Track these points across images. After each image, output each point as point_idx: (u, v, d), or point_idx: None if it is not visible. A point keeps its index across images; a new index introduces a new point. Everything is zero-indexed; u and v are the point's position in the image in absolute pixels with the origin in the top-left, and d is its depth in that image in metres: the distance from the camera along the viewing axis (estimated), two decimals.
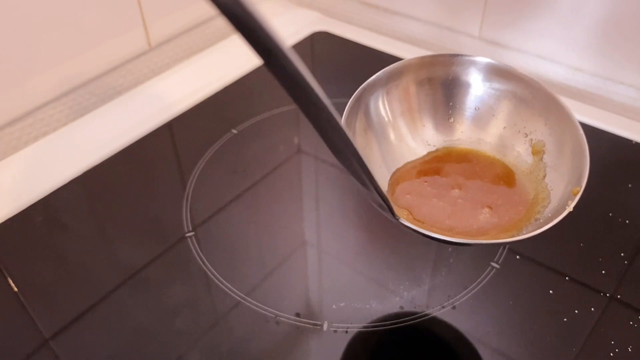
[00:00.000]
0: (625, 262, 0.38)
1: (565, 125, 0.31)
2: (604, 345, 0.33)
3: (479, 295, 0.36)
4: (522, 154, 0.33)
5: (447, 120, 0.34)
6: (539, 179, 0.31)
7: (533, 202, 0.31)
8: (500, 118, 0.33)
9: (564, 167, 0.31)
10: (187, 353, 0.33)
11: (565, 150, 0.31)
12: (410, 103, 0.33)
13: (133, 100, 0.52)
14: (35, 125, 0.51)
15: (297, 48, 0.60)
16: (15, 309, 0.36)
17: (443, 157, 0.33)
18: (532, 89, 0.32)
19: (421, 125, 0.33)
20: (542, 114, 0.32)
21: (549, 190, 0.31)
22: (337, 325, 0.34)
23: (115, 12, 0.53)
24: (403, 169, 0.33)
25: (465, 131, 0.34)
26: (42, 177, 0.44)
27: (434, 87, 0.33)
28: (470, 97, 0.33)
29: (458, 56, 0.33)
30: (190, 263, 0.38)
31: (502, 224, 0.30)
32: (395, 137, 0.33)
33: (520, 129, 0.33)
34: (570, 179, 0.30)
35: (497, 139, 0.33)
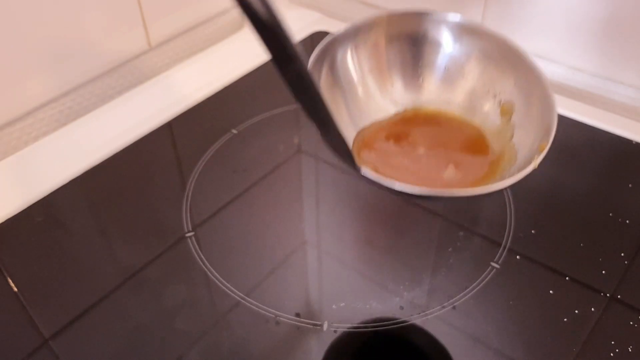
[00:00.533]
0: (626, 262, 0.38)
1: (534, 83, 0.30)
2: (604, 345, 0.33)
3: (479, 295, 0.36)
4: (490, 115, 0.32)
5: (417, 80, 0.33)
6: (506, 139, 0.31)
7: (499, 161, 0.30)
8: (470, 78, 0.33)
9: (532, 125, 0.30)
10: (186, 353, 0.33)
11: (533, 109, 0.30)
12: (379, 60, 0.32)
13: (133, 100, 0.52)
14: (35, 125, 0.51)
15: None
16: (15, 308, 0.36)
17: (411, 118, 0.32)
18: (501, 48, 0.32)
19: (390, 84, 0.33)
20: (511, 73, 0.31)
21: (516, 150, 0.30)
22: (337, 325, 0.34)
23: (115, 12, 0.53)
24: (370, 128, 0.32)
25: (434, 91, 0.33)
26: (42, 177, 0.44)
27: (404, 44, 0.32)
28: (440, 56, 0.33)
29: (429, 14, 0.32)
30: (190, 263, 0.38)
31: (466, 181, 0.30)
32: (364, 95, 0.32)
33: (489, 89, 0.32)
34: (537, 137, 0.29)
35: (465, 99, 0.33)
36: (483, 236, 0.40)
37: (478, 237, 0.40)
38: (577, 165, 0.46)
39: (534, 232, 0.40)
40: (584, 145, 0.48)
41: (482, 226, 0.40)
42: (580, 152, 0.47)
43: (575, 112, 0.50)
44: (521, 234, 0.40)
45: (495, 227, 0.40)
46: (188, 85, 0.54)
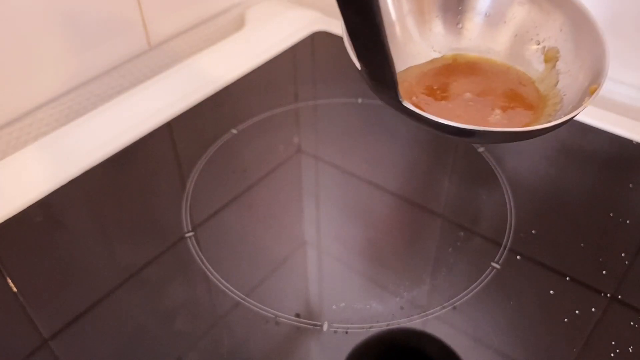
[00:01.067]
0: (626, 262, 0.38)
1: (582, 26, 0.29)
2: (604, 346, 0.33)
3: (480, 295, 0.36)
4: (533, 62, 0.31)
5: (455, 26, 0.32)
6: (550, 87, 0.30)
7: (543, 106, 0.30)
8: (512, 25, 0.31)
9: (580, 70, 0.29)
10: (186, 353, 0.33)
11: (581, 52, 0.29)
12: (419, 2, 0.31)
13: (133, 100, 0.52)
14: (35, 125, 0.51)
15: (297, 48, 0.60)
16: (15, 309, 0.36)
17: (451, 65, 0.31)
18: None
19: (429, 27, 0.31)
20: (557, 17, 0.30)
21: (562, 96, 0.29)
22: (337, 326, 0.34)
23: (115, 12, 0.53)
24: (408, 72, 0.31)
25: (474, 39, 0.32)
26: (41, 177, 0.44)
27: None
28: (481, 0, 0.31)
29: None
30: (190, 263, 0.38)
31: (512, 125, 0.29)
32: (402, 37, 0.30)
33: (532, 36, 0.31)
34: (585, 80, 0.28)
35: (507, 47, 0.32)
36: (483, 236, 0.40)
37: (478, 237, 0.40)
38: (577, 165, 0.46)
39: (535, 232, 0.40)
40: (584, 145, 0.47)
41: (483, 226, 0.40)
42: (580, 152, 0.47)
43: None
44: (522, 234, 0.40)
45: (495, 227, 0.40)
46: (188, 85, 0.54)
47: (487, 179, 0.44)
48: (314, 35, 0.61)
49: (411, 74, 0.31)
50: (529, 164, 0.46)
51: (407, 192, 0.44)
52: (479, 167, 0.45)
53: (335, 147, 0.48)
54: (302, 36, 0.61)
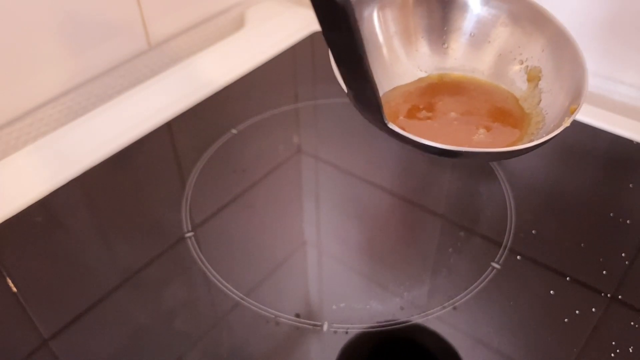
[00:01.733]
0: (626, 262, 0.38)
1: (563, 46, 0.30)
2: (604, 346, 0.33)
3: (480, 295, 0.36)
4: (516, 81, 0.32)
5: (441, 46, 0.33)
6: (533, 105, 0.31)
7: (527, 126, 0.30)
8: (496, 45, 0.32)
9: (561, 89, 0.30)
10: (186, 353, 0.33)
11: (562, 72, 0.30)
12: (406, 22, 0.32)
13: (132, 100, 0.52)
14: (35, 125, 0.51)
15: (297, 48, 0.60)
16: (14, 309, 0.36)
17: (438, 84, 0.32)
18: (529, 10, 0.31)
19: (415, 48, 0.32)
20: (539, 37, 0.31)
21: (544, 115, 0.30)
22: (337, 326, 0.34)
23: (115, 12, 0.53)
24: (395, 92, 0.31)
25: (459, 58, 0.33)
26: (41, 177, 0.44)
27: (432, 6, 0.32)
28: (466, 21, 0.32)
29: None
30: (190, 263, 0.38)
31: (496, 144, 0.29)
32: (389, 57, 0.32)
33: (516, 56, 0.32)
34: (566, 99, 0.29)
35: (491, 66, 0.32)
36: (483, 236, 0.40)
37: (478, 237, 0.40)
38: (577, 165, 0.46)
39: (535, 232, 0.40)
40: (584, 145, 0.47)
41: (483, 226, 0.40)
42: (580, 152, 0.47)
43: None
44: (522, 234, 0.40)
45: (495, 227, 0.40)
46: (187, 85, 0.54)
47: (487, 178, 0.44)
48: (314, 35, 0.61)
49: (397, 93, 0.31)
50: (529, 164, 0.46)
51: (407, 192, 0.44)
52: (479, 167, 0.45)
53: (335, 147, 0.48)
54: (302, 36, 0.61)
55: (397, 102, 0.31)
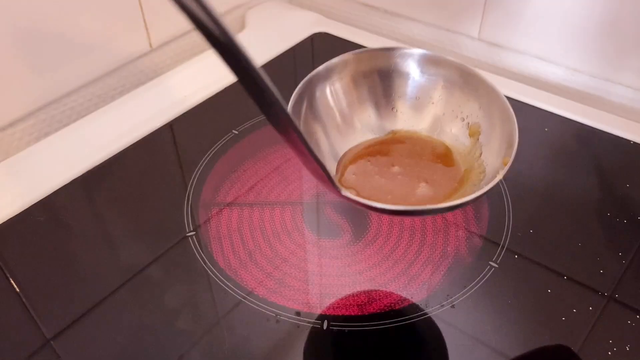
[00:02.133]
0: (624, 261, 0.38)
1: (494, 105, 0.33)
2: (602, 345, 0.33)
3: (478, 294, 0.36)
4: (460, 136, 0.35)
5: (391, 110, 0.36)
6: (475, 157, 0.34)
7: (468, 176, 0.33)
8: (439, 105, 0.35)
9: (496, 142, 0.33)
10: (188, 352, 0.33)
11: (496, 128, 0.33)
12: (356, 94, 0.35)
13: (134, 101, 0.53)
14: (37, 126, 0.51)
15: (297, 49, 0.60)
16: (17, 309, 0.36)
17: (386, 140, 0.35)
18: (463, 75, 0.34)
19: (367, 115, 0.35)
20: (475, 97, 0.34)
21: (485, 167, 0.33)
22: (336, 324, 0.35)
23: (117, 13, 0.53)
24: (349, 153, 0.35)
25: (408, 119, 0.36)
26: (43, 177, 0.44)
27: (376, 79, 0.35)
28: (410, 87, 0.35)
29: (395, 49, 0.35)
30: (192, 263, 0.38)
31: (437, 197, 0.32)
32: (343, 126, 0.35)
33: (457, 114, 0.35)
34: (500, 152, 0.32)
35: (436, 124, 0.35)
36: (481, 236, 0.40)
37: (476, 237, 0.40)
38: (575, 166, 0.46)
39: (532, 231, 0.40)
40: (583, 146, 0.48)
41: (481, 226, 0.41)
42: (578, 152, 0.47)
43: (573, 113, 0.50)
44: (519, 234, 0.40)
45: (493, 227, 0.40)
46: (189, 86, 0.54)
47: None
48: (314, 36, 0.62)
49: (352, 153, 0.35)
50: (526, 163, 0.46)
51: None
52: None
53: None
54: (302, 37, 0.61)
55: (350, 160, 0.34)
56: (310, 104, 0.33)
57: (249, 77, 0.25)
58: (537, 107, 0.51)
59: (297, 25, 0.63)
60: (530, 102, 0.52)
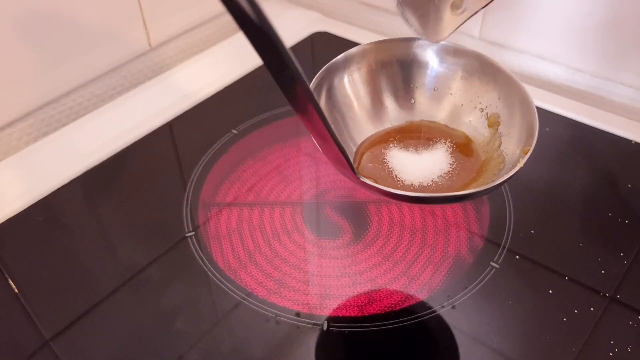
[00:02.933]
0: (625, 262, 0.38)
1: (514, 93, 0.33)
2: (603, 345, 0.33)
3: (479, 295, 0.36)
4: (479, 127, 0.35)
5: (409, 100, 0.36)
6: (494, 148, 0.34)
7: (487, 166, 0.33)
8: (458, 96, 0.35)
9: (516, 132, 0.33)
10: (187, 353, 0.33)
11: (516, 117, 0.33)
12: (374, 84, 0.35)
13: (133, 100, 0.53)
14: (36, 125, 0.51)
15: (297, 48, 0.60)
16: (16, 309, 0.36)
17: (404, 128, 0.35)
18: (482, 64, 0.34)
19: (385, 105, 0.35)
20: (494, 87, 0.34)
21: (504, 157, 0.33)
22: (336, 325, 0.34)
23: (116, 12, 0.53)
24: (367, 141, 0.35)
25: (426, 110, 0.36)
26: (42, 177, 0.44)
27: (395, 69, 0.35)
28: (428, 78, 0.35)
29: (414, 39, 0.35)
30: (191, 263, 0.38)
31: (454, 186, 0.32)
32: (361, 115, 0.35)
33: (476, 104, 0.35)
34: (520, 142, 0.32)
35: (455, 114, 0.35)
36: (482, 236, 0.40)
37: (477, 237, 0.40)
38: (576, 165, 0.46)
39: (534, 232, 0.40)
40: (584, 146, 0.48)
41: (482, 226, 0.41)
42: (579, 152, 0.47)
43: (575, 113, 0.50)
44: (521, 234, 0.40)
45: (494, 227, 0.40)
46: (188, 85, 0.54)
47: None
48: (314, 35, 0.62)
49: (370, 141, 0.35)
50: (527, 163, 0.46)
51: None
52: None
53: None
54: (302, 37, 0.61)
55: (368, 148, 0.34)
56: (329, 93, 0.33)
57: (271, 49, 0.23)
58: (538, 106, 0.51)
59: (297, 24, 0.63)
60: None
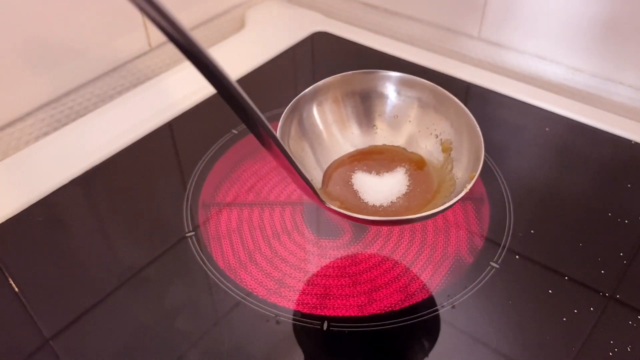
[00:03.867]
0: (624, 261, 0.38)
1: (463, 122, 0.36)
2: (603, 345, 0.33)
3: (479, 294, 0.36)
4: (434, 152, 0.38)
5: (371, 127, 0.39)
6: (447, 172, 0.36)
7: (440, 188, 0.36)
8: (415, 123, 0.39)
9: (465, 157, 0.36)
10: (187, 352, 0.33)
11: (464, 143, 0.36)
12: (340, 113, 0.38)
13: (133, 100, 0.53)
14: (36, 125, 0.51)
15: (297, 48, 0.60)
16: (16, 309, 0.36)
17: (367, 151, 0.38)
18: (436, 95, 0.38)
19: (350, 131, 0.39)
20: (447, 116, 0.37)
21: (455, 180, 0.35)
22: (337, 325, 0.34)
23: (116, 12, 0.53)
24: (334, 164, 0.38)
25: (387, 135, 0.39)
26: (42, 177, 0.44)
27: (358, 99, 0.39)
28: (388, 107, 0.39)
29: (375, 72, 0.39)
30: (191, 263, 0.38)
31: (411, 206, 0.35)
32: (329, 141, 0.38)
33: (432, 131, 0.38)
34: (468, 168, 0.35)
35: (412, 140, 0.39)
36: (482, 236, 0.40)
37: (477, 237, 0.40)
38: (576, 165, 0.46)
39: (533, 232, 0.40)
40: (584, 145, 0.48)
41: (482, 226, 0.41)
42: (579, 152, 0.47)
43: (574, 113, 0.50)
44: (520, 234, 0.40)
45: (494, 227, 0.40)
46: (188, 85, 0.54)
47: (487, 178, 0.44)
48: (314, 35, 0.62)
49: (335, 164, 0.38)
50: (527, 163, 0.46)
51: None
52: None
53: None
54: (302, 36, 0.61)
55: (333, 171, 0.37)
56: (299, 122, 0.37)
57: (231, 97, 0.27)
58: (537, 106, 0.51)
59: (296, 24, 0.63)
60: (530, 101, 0.52)
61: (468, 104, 0.53)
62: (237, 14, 0.67)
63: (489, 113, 0.52)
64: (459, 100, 0.36)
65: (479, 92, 0.54)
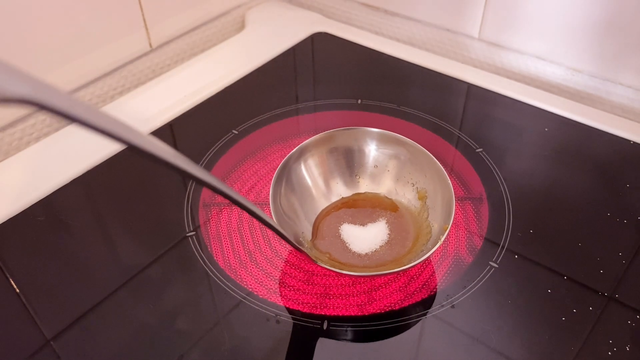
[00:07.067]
0: (623, 261, 0.38)
1: (437, 178, 0.39)
2: (602, 345, 0.33)
3: (478, 294, 0.36)
4: (411, 200, 0.41)
5: (354, 178, 0.43)
6: (424, 219, 0.39)
7: (418, 236, 0.39)
8: (393, 173, 0.42)
9: (439, 207, 0.39)
10: (188, 352, 0.33)
11: (438, 196, 0.39)
12: (325, 168, 0.42)
13: (134, 101, 0.53)
14: (37, 125, 0.51)
15: (297, 49, 0.60)
16: (17, 309, 0.36)
17: (349, 201, 0.42)
18: (411, 150, 0.41)
19: (334, 183, 0.42)
20: (422, 169, 0.41)
21: (431, 227, 0.38)
22: (337, 325, 0.35)
23: (117, 13, 0.53)
24: (322, 213, 0.41)
25: (368, 184, 0.43)
26: (43, 177, 0.44)
27: (341, 154, 0.42)
28: (368, 159, 0.43)
29: (355, 129, 0.42)
30: (192, 263, 0.38)
31: (393, 253, 0.38)
32: (316, 194, 0.42)
33: (408, 180, 0.41)
34: (442, 219, 0.37)
35: (391, 188, 0.42)
36: (482, 236, 0.40)
37: (477, 237, 0.40)
38: (575, 165, 0.46)
39: (532, 231, 0.40)
40: (583, 146, 0.48)
41: (481, 226, 0.41)
42: (578, 152, 0.47)
43: (573, 113, 0.50)
44: (519, 234, 0.40)
45: (493, 227, 0.40)
46: (189, 86, 0.54)
47: (486, 178, 0.44)
48: (314, 36, 0.62)
49: (322, 214, 0.41)
50: (526, 163, 0.46)
51: None
52: (477, 167, 0.45)
53: None
54: (302, 37, 0.61)
55: (320, 223, 0.40)
56: (287, 181, 0.40)
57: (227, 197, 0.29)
58: (537, 107, 0.52)
59: (297, 25, 0.63)
60: (530, 102, 0.52)
61: (468, 104, 0.53)
62: (237, 15, 0.67)
63: (488, 113, 0.52)
64: (431, 155, 0.40)
65: (479, 92, 0.54)
